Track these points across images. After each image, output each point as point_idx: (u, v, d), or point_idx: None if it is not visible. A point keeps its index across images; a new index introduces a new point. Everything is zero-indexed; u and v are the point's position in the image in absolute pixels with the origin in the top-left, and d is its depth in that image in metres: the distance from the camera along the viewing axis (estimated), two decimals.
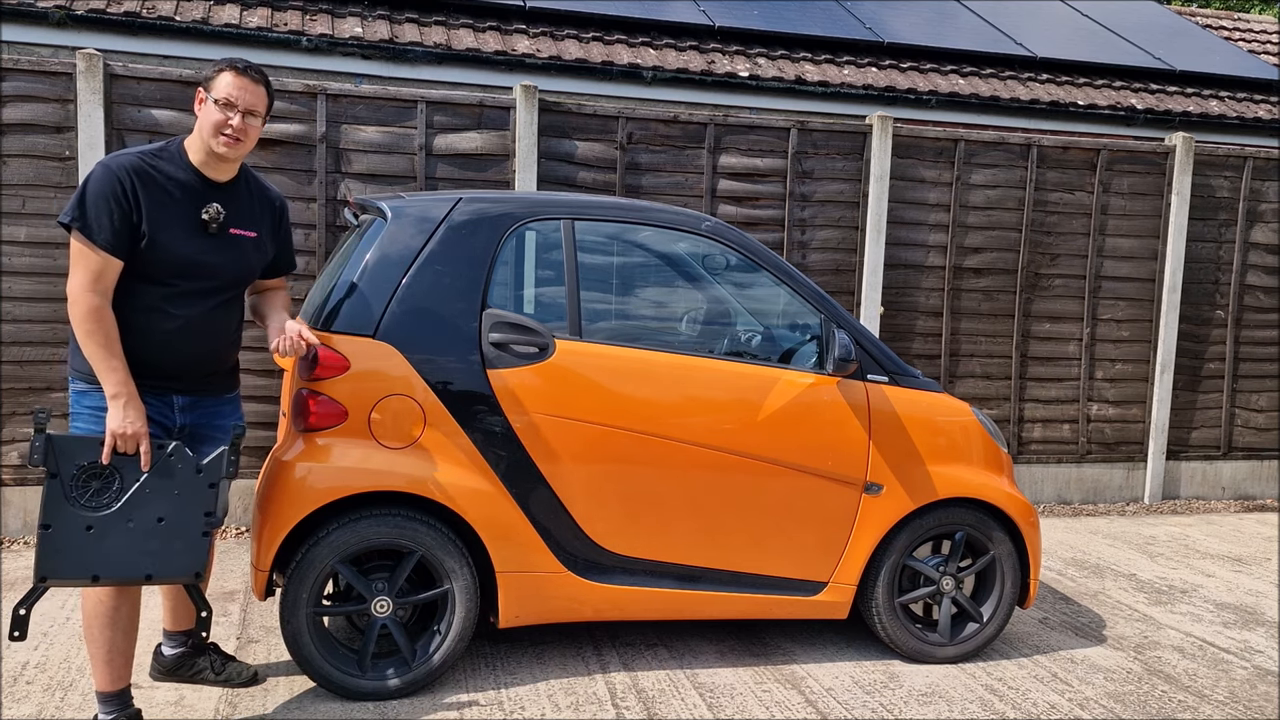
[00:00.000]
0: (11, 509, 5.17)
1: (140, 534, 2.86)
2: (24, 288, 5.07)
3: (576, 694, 3.59)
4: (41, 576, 2.79)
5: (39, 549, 2.78)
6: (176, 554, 2.91)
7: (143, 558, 2.87)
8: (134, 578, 2.88)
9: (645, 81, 7.19)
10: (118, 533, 2.83)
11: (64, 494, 2.79)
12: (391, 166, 5.52)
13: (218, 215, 3.01)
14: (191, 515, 2.92)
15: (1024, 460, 6.75)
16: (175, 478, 2.89)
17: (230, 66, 2.99)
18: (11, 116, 5.02)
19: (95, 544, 2.81)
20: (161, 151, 3.00)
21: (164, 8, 6.43)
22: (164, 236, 2.92)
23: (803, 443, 3.76)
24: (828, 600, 3.88)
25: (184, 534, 2.92)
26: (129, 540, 2.84)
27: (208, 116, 2.97)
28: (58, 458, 2.78)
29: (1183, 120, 8.29)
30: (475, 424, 3.47)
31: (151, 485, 2.87)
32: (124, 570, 2.85)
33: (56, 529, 2.79)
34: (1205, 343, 7.04)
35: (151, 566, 2.88)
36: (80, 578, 2.82)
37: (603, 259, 4.01)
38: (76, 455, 2.80)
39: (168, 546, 2.89)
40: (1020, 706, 3.66)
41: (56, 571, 2.79)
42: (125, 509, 2.84)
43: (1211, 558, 5.75)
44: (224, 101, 2.95)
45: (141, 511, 2.86)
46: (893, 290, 6.41)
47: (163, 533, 2.88)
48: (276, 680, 3.59)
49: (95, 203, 2.84)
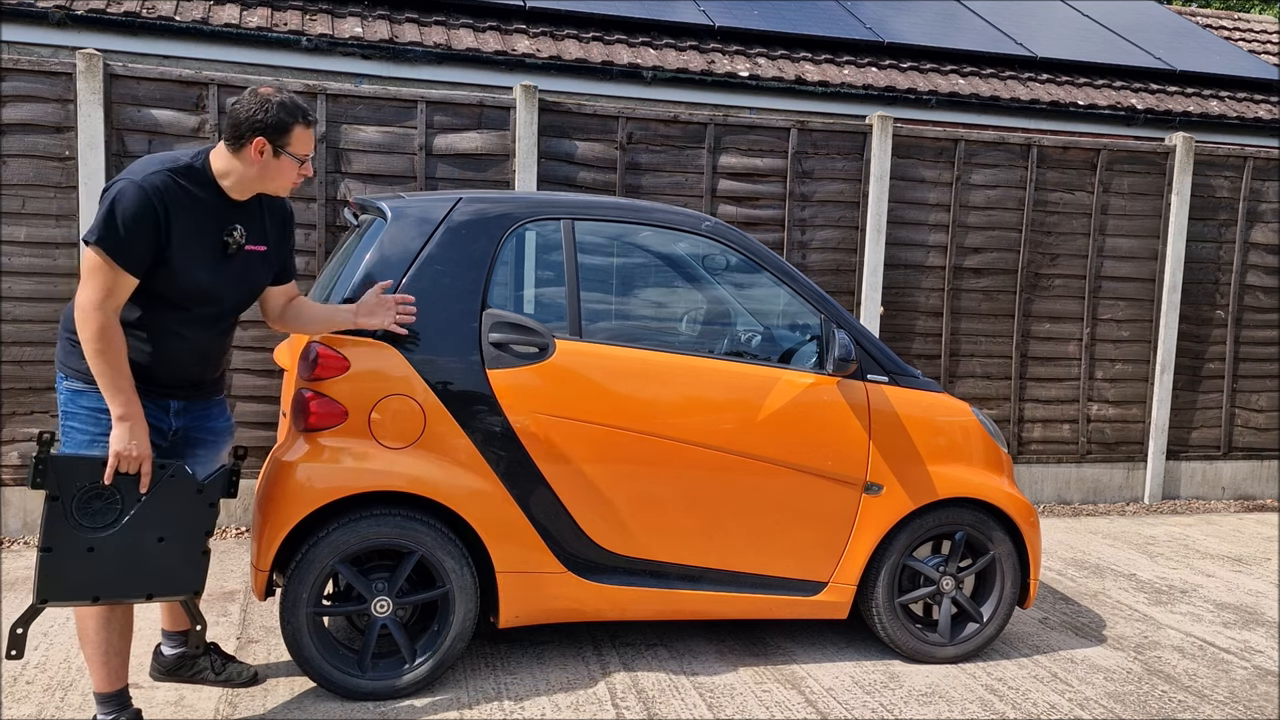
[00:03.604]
0: (11, 509, 5.17)
1: (141, 554, 2.84)
2: (24, 288, 5.07)
3: (576, 694, 3.59)
4: (42, 599, 2.76)
5: (40, 571, 2.75)
6: (177, 573, 2.90)
7: (143, 577, 2.85)
8: (134, 597, 2.86)
9: (645, 81, 7.19)
10: (119, 553, 2.81)
11: (65, 516, 2.75)
12: (391, 166, 5.52)
13: (241, 238, 3.01)
14: (192, 534, 2.91)
15: (1024, 460, 6.75)
16: (176, 498, 2.88)
17: (302, 119, 2.96)
18: (11, 116, 5.02)
19: (96, 565, 2.79)
20: (189, 170, 2.92)
21: (164, 8, 6.43)
22: (185, 262, 2.88)
23: (803, 443, 3.76)
24: (828, 600, 3.88)
25: (184, 553, 2.90)
26: (130, 560, 2.82)
27: (285, 170, 2.97)
28: (59, 479, 2.74)
29: (1183, 120, 8.29)
30: (475, 424, 3.47)
31: (153, 505, 2.84)
32: (125, 590, 2.84)
33: (57, 551, 2.75)
34: (1205, 343, 7.04)
35: (152, 586, 2.87)
36: (81, 599, 2.80)
37: (603, 259, 4.01)
38: (78, 476, 2.76)
39: (168, 565, 2.88)
40: (1020, 706, 3.66)
41: (57, 594, 2.76)
42: (126, 530, 2.81)
43: (1211, 558, 5.75)
44: (303, 157, 2.98)
45: (142, 532, 2.83)
46: (893, 290, 6.41)
47: (164, 552, 2.87)
48: (276, 680, 3.59)
49: (126, 224, 2.77)
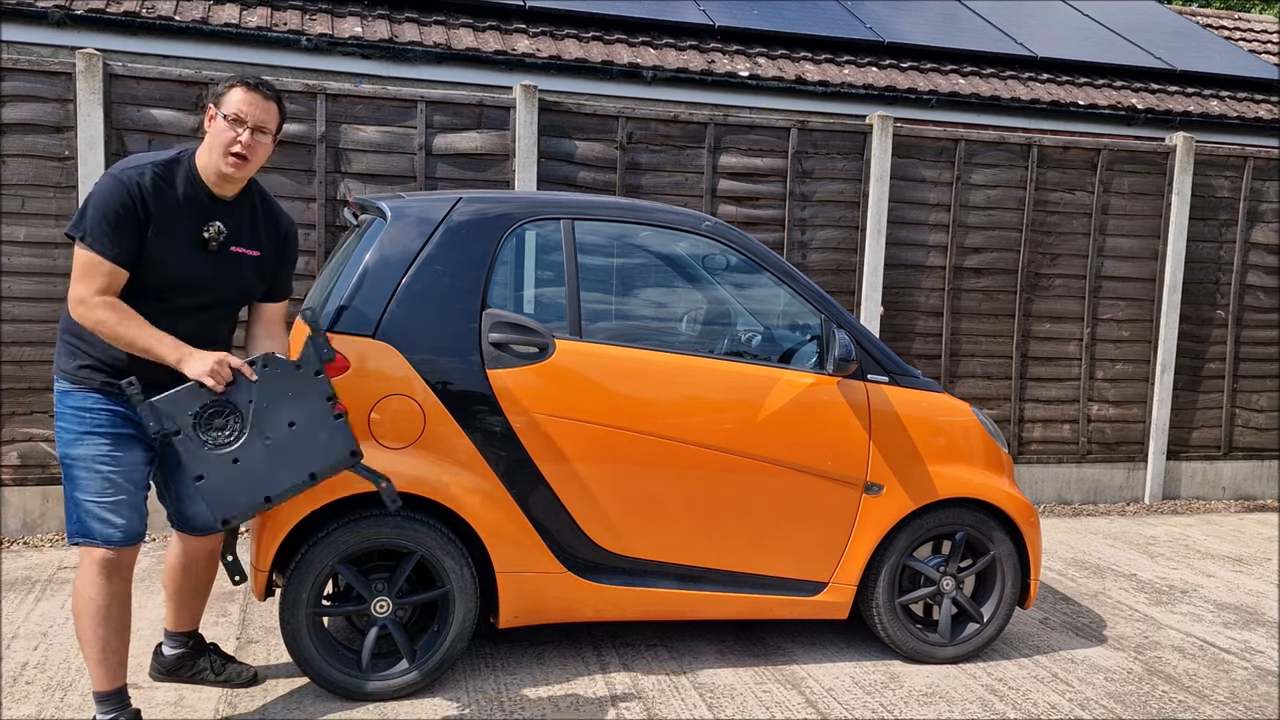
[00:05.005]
0: (11, 509, 5.17)
1: (280, 444, 2.92)
2: (24, 288, 5.07)
3: (576, 694, 3.59)
4: (222, 520, 2.87)
5: (205, 499, 2.86)
6: (322, 445, 2.97)
7: (295, 463, 2.93)
8: (300, 482, 2.94)
9: (645, 81, 7.19)
10: (261, 453, 2.89)
11: (195, 442, 2.84)
12: (391, 166, 5.52)
13: (219, 234, 2.99)
14: (314, 406, 2.97)
15: (1024, 460, 6.74)
16: (279, 383, 2.94)
17: (241, 82, 2.94)
18: (11, 116, 5.02)
19: (248, 472, 2.88)
20: (172, 163, 2.95)
21: (163, 7, 6.42)
22: (162, 251, 2.89)
23: (803, 443, 3.75)
24: (828, 600, 3.88)
25: (318, 425, 2.97)
26: (274, 454, 2.91)
27: (217, 134, 2.93)
28: (169, 417, 2.82)
29: (1183, 120, 8.29)
30: (475, 424, 3.47)
31: (263, 400, 2.91)
32: (285, 480, 2.92)
33: (208, 475, 2.85)
34: (1206, 343, 7.04)
35: (308, 465, 2.95)
36: (253, 506, 2.89)
37: (603, 259, 4.00)
38: (182, 407, 2.84)
39: (311, 442, 2.95)
40: (1020, 707, 3.66)
41: (230, 511, 2.86)
42: (256, 430, 2.89)
43: (1212, 558, 5.75)
44: (233, 117, 2.91)
45: (270, 426, 2.91)
46: (893, 290, 6.40)
47: (299, 433, 2.94)
48: (276, 680, 3.58)
49: (103, 215, 2.80)
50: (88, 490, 2.91)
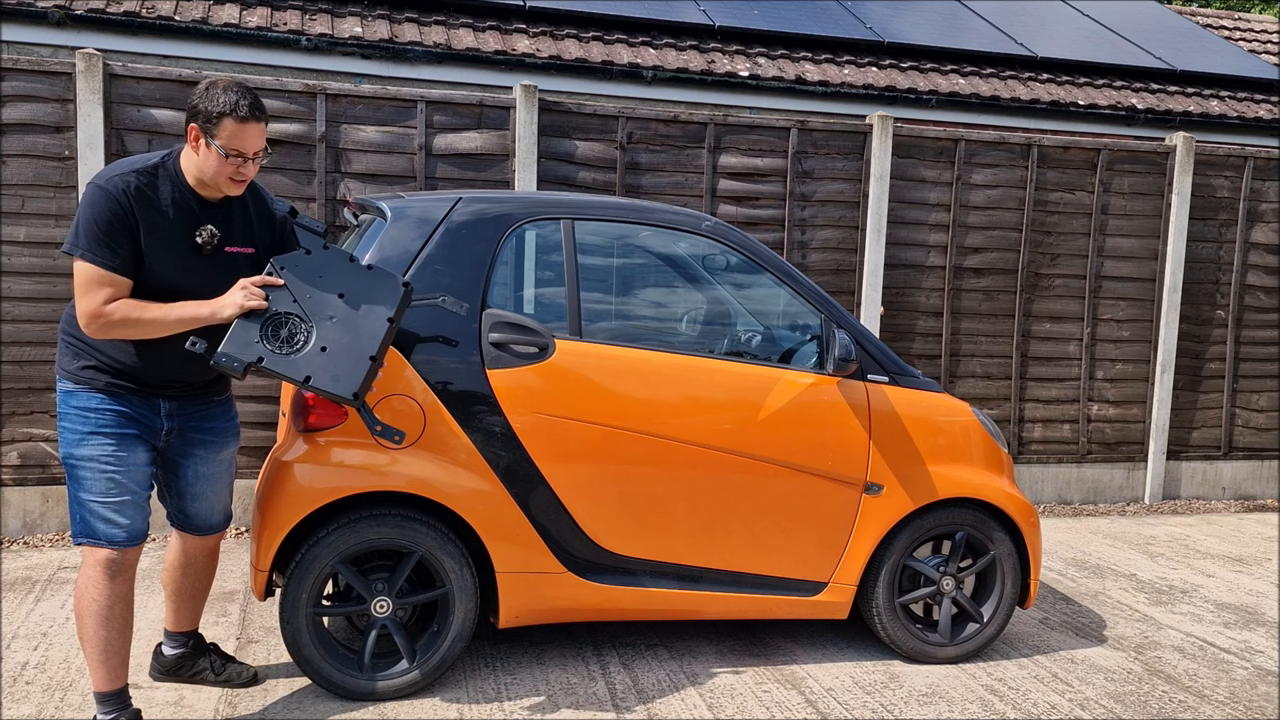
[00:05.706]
0: (11, 509, 5.17)
1: (347, 314, 2.99)
2: (24, 288, 5.07)
3: (576, 694, 3.59)
4: (352, 394, 2.94)
5: (323, 393, 2.94)
6: (381, 292, 3.05)
7: (369, 318, 3.01)
8: (384, 329, 3.01)
9: (645, 81, 7.19)
10: (336, 329, 2.97)
11: (277, 356, 2.91)
12: (391, 166, 5.52)
13: (212, 238, 2.98)
14: (348, 270, 3.05)
15: (1024, 460, 6.74)
16: (305, 270, 3.01)
17: (232, 114, 2.82)
18: (11, 116, 5.02)
19: (339, 349, 2.96)
20: (158, 170, 2.91)
21: (163, 7, 6.42)
22: (156, 258, 2.88)
23: (803, 443, 3.75)
24: (828, 600, 3.88)
25: (364, 281, 3.05)
26: (348, 322, 2.99)
27: (215, 164, 2.87)
28: (236, 355, 2.86)
29: (1183, 120, 8.29)
30: (475, 424, 3.47)
31: (303, 292, 2.98)
32: (369, 337, 2.99)
33: (315, 375, 2.93)
34: (1206, 343, 7.04)
35: (383, 313, 3.02)
36: (368, 371, 2.96)
37: (603, 259, 4.01)
38: (249, 337, 2.89)
39: (371, 296, 3.03)
40: (1020, 707, 3.66)
41: (350, 388, 2.94)
42: (318, 316, 2.97)
43: (1212, 558, 5.75)
44: (233, 152, 2.86)
45: (326, 306, 2.99)
46: (893, 290, 6.40)
47: (355, 296, 3.02)
48: (276, 680, 3.58)
49: (97, 227, 2.78)
50: (92, 491, 2.92)
